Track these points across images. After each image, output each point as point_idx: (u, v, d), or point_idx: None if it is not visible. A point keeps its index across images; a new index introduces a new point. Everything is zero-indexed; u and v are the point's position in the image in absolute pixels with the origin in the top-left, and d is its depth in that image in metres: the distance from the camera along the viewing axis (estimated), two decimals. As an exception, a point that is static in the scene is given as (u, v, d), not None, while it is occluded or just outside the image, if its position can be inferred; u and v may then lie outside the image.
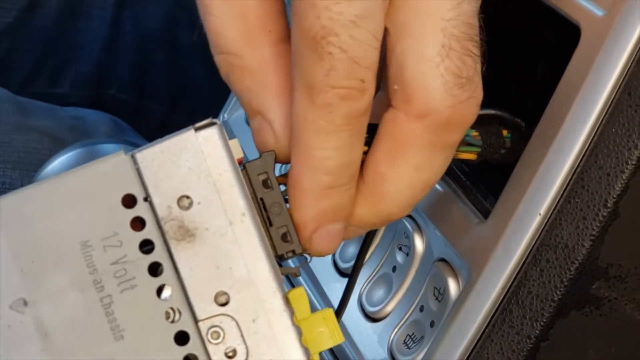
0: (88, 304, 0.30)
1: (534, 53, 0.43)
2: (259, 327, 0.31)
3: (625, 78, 0.35)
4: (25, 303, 0.30)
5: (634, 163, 0.35)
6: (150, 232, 0.31)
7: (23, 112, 0.67)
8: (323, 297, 0.47)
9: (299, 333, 0.31)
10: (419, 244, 0.42)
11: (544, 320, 0.37)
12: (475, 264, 0.38)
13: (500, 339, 0.37)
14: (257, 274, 0.31)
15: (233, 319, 0.31)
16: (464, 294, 0.38)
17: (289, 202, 0.33)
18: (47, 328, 0.30)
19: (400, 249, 0.43)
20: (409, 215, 0.42)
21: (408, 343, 0.41)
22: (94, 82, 0.80)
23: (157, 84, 0.81)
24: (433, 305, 0.40)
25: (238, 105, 0.59)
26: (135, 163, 0.31)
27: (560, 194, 0.36)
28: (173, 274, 0.31)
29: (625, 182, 0.35)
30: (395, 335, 0.42)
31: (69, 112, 0.71)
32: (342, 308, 0.38)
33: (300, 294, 0.31)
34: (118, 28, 0.79)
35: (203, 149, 0.31)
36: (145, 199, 0.31)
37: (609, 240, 0.36)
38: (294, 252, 0.33)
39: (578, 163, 0.36)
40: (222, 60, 0.33)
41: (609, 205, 0.35)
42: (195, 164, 0.31)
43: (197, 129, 0.31)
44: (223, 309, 0.31)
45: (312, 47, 0.30)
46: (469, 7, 0.31)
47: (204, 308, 0.31)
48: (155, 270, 0.31)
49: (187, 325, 0.31)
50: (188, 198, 0.31)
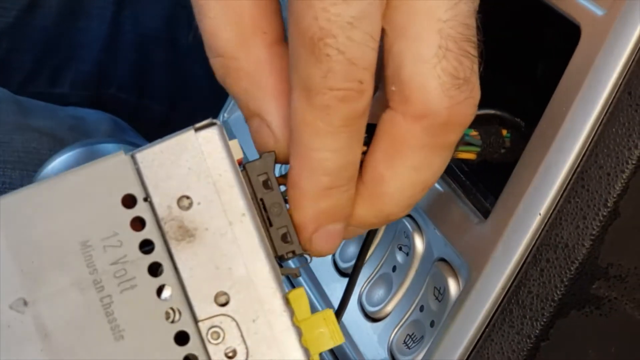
0: (88, 304, 0.30)
1: (534, 53, 0.43)
2: (259, 327, 0.31)
3: (626, 77, 0.35)
4: (25, 303, 0.30)
5: (634, 163, 0.35)
6: (150, 232, 0.31)
7: (23, 111, 0.67)
8: (323, 297, 0.47)
9: (299, 333, 0.31)
10: (419, 244, 0.42)
11: (544, 320, 0.36)
12: (476, 264, 0.38)
13: (501, 339, 0.37)
14: (256, 274, 0.31)
15: (233, 319, 0.31)
16: (464, 294, 0.38)
17: (289, 202, 0.32)
18: (47, 328, 0.30)
19: (400, 249, 0.43)
20: (409, 215, 0.42)
21: (408, 343, 0.41)
22: (94, 81, 0.80)
23: (157, 84, 0.81)
24: (433, 305, 0.40)
25: (238, 105, 0.59)
26: (135, 163, 0.31)
27: (561, 194, 0.36)
28: (173, 274, 0.31)
29: (626, 181, 0.35)
30: (395, 335, 0.42)
31: (69, 111, 0.71)
32: (342, 308, 0.38)
33: (301, 295, 0.31)
34: (118, 28, 0.79)
35: (203, 149, 0.31)
36: (145, 199, 0.31)
37: (609, 240, 0.36)
38: (294, 252, 0.33)
39: (578, 163, 0.36)
40: (217, 63, 0.33)
41: (609, 205, 0.35)
42: (195, 164, 0.31)
43: (197, 129, 0.31)
44: (223, 309, 0.31)
45: (309, 48, 0.30)
46: (466, 7, 0.31)
47: (204, 308, 0.31)
48: (155, 271, 0.31)
49: (187, 326, 0.30)
50: (188, 198, 0.31)
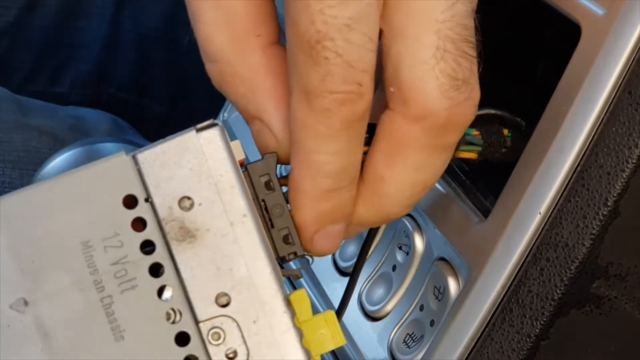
0: (88, 304, 0.30)
1: (534, 52, 0.43)
2: (260, 328, 0.31)
3: (626, 77, 0.35)
4: (26, 303, 0.30)
5: (635, 162, 0.35)
6: (151, 232, 0.31)
7: (23, 111, 0.67)
8: (323, 296, 0.47)
9: (300, 334, 0.31)
10: (419, 243, 0.42)
11: (544, 319, 0.36)
12: (475, 263, 0.38)
13: (501, 338, 0.37)
14: (257, 275, 0.31)
15: (234, 320, 0.31)
16: (464, 293, 0.38)
17: (290, 204, 0.32)
18: (47, 328, 0.30)
19: (400, 248, 0.43)
20: (409, 215, 0.42)
21: (408, 342, 0.41)
22: (94, 81, 0.80)
23: (157, 83, 0.80)
24: (433, 305, 0.40)
25: (237, 104, 0.59)
26: (137, 163, 0.31)
27: (561, 193, 0.36)
28: (174, 275, 0.31)
29: (626, 181, 0.35)
30: (395, 335, 0.42)
31: (69, 111, 0.71)
32: (343, 308, 0.38)
33: (302, 296, 0.31)
34: (118, 27, 0.79)
35: (204, 150, 0.31)
36: (147, 200, 0.31)
37: (609, 239, 0.36)
38: (296, 253, 0.33)
39: (578, 162, 0.36)
40: (213, 69, 0.33)
41: (609, 204, 0.35)
42: (197, 165, 0.31)
43: (198, 130, 0.31)
44: (224, 310, 0.31)
45: (307, 52, 0.30)
46: (463, 7, 0.31)
47: (205, 309, 0.31)
48: (156, 271, 0.31)
49: (187, 326, 0.30)
50: (189, 199, 0.31)
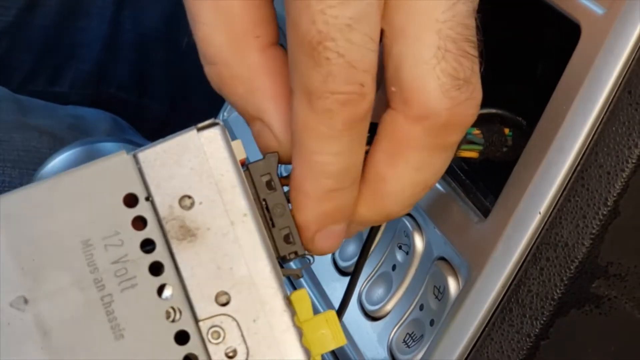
0: (88, 303, 0.30)
1: (534, 52, 0.43)
2: (260, 327, 0.31)
3: (626, 76, 0.35)
4: (26, 301, 0.30)
5: (634, 162, 0.35)
6: (152, 231, 0.31)
7: (23, 110, 0.67)
8: (323, 296, 0.47)
9: (300, 334, 0.31)
10: (419, 243, 0.42)
11: (544, 319, 0.36)
12: (475, 263, 0.38)
13: (500, 338, 0.37)
14: (258, 274, 0.31)
15: (234, 319, 0.31)
16: (464, 293, 0.38)
17: (292, 204, 0.32)
18: (47, 326, 0.30)
19: (400, 248, 0.43)
20: (409, 214, 0.42)
21: (408, 342, 0.41)
22: (94, 81, 0.80)
23: (156, 83, 0.80)
24: (433, 304, 0.40)
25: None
26: (137, 162, 0.31)
27: (560, 193, 0.36)
28: (174, 274, 0.31)
29: (626, 180, 0.35)
30: (395, 334, 0.42)
31: (69, 110, 0.71)
32: (343, 307, 0.38)
33: (303, 296, 0.31)
34: (118, 27, 0.79)
35: (205, 149, 0.31)
36: (147, 199, 0.31)
37: (609, 239, 0.36)
38: (297, 253, 0.33)
39: (578, 162, 0.36)
40: (211, 72, 0.33)
41: (609, 204, 0.35)
42: (197, 164, 0.31)
43: (199, 129, 0.31)
44: (224, 309, 0.31)
45: (308, 52, 0.30)
46: (464, 7, 0.31)
47: (205, 308, 0.31)
48: (156, 270, 0.31)
49: (187, 325, 0.30)
50: (190, 198, 0.31)
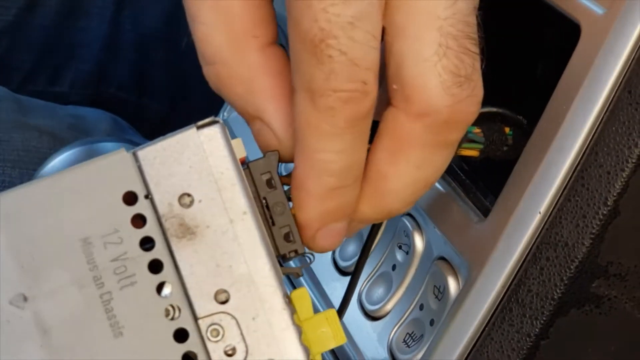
0: (88, 301, 0.30)
1: (535, 51, 0.43)
2: (259, 325, 0.31)
3: (626, 76, 0.35)
4: (25, 299, 0.30)
5: (634, 161, 0.35)
6: (151, 229, 0.31)
7: (23, 110, 0.67)
8: (323, 296, 0.47)
9: (299, 332, 0.31)
10: (419, 243, 0.42)
11: (544, 319, 0.36)
12: (475, 263, 0.38)
13: (500, 338, 0.37)
14: (257, 272, 0.31)
15: (233, 317, 0.31)
16: (464, 293, 0.38)
17: (293, 202, 0.32)
18: (46, 324, 0.30)
19: (400, 248, 0.43)
20: (409, 214, 0.42)
21: (408, 342, 0.41)
22: (94, 81, 0.80)
23: (156, 83, 0.80)
24: (433, 304, 0.40)
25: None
26: (137, 160, 0.31)
27: (560, 193, 0.36)
28: (173, 272, 0.31)
29: (626, 180, 0.35)
30: (395, 334, 0.42)
31: (69, 110, 0.71)
32: (344, 307, 0.38)
33: (303, 294, 0.31)
34: (118, 27, 0.79)
35: (205, 147, 0.31)
36: (147, 197, 0.31)
37: (609, 239, 0.36)
38: (297, 252, 0.32)
39: (578, 161, 0.36)
40: (210, 72, 0.33)
41: (609, 204, 0.35)
42: (197, 162, 0.31)
43: (199, 127, 0.31)
44: (223, 307, 0.31)
45: (310, 50, 0.30)
46: (465, 4, 0.31)
47: (204, 306, 0.30)
48: (156, 268, 0.31)
49: (186, 323, 0.30)
50: (189, 196, 0.31)
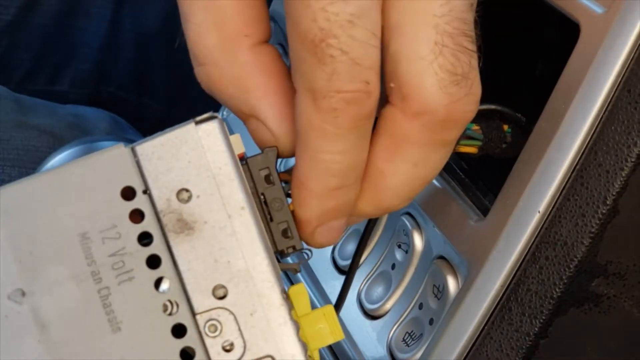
0: (86, 296, 0.30)
1: (534, 50, 0.43)
2: (257, 321, 0.31)
3: (625, 75, 0.35)
4: (23, 294, 0.30)
5: (634, 160, 0.35)
6: (149, 224, 0.31)
7: (22, 109, 0.67)
8: (322, 295, 0.47)
9: (297, 327, 0.31)
10: (418, 242, 0.42)
11: (543, 318, 0.36)
12: (475, 262, 0.38)
13: (499, 337, 0.37)
14: (255, 268, 0.31)
15: (231, 313, 0.31)
16: (463, 292, 0.38)
17: (293, 200, 0.32)
18: (44, 319, 0.30)
19: (400, 247, 0.43)
20: (408, 213, 0.42)
21: (407, 341, 0.41)
22: (94, 80, 0.80)
23: (156, 82, 0.80)
24: (432, 303, 0.40)
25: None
26: (135, 156, 0.31)
27: (560, 192, 0.36)
28: (171, 267, 0.31)
29: (625, 179, 0.35)
30: (394, 333, 0.41)
31: (69, 109, 0.71)
32: (340, 303, 0.38)
33: (301, 290, 0.31)
34: (117, 26, 0.79)
35: (203, 143, 0.31)
36: (145, 192, 0.31)
37: (608, 238, 0.36)
38: (295, 247, 0.33)
39: (577, 160, 0.36)
40: (201, 73, 0.32)
41: (608, 203, 0.35)
42: (195, 158, 0.31)
43: (197, 123, 0.31)
44: (221, 303, 0.31)
45: (311, 50, 0.29)
46: (461, 1, 0.31)
47: (202, 301, 0.30)
48: (154, 263, 0.30)
49: (184, 318, 0.30)
50: (187, 191, 0.31)
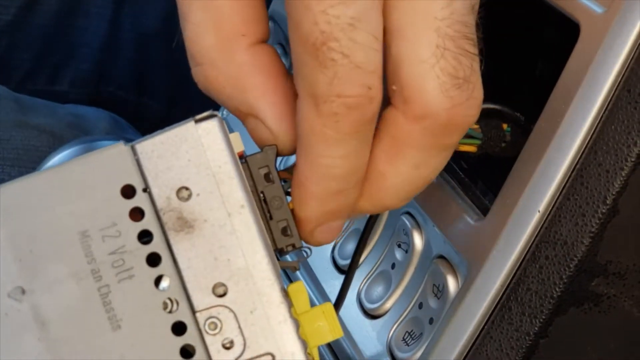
0: (85, 294, 0.30)
1: (534, 50, 0.43)
2: (257, 318, 0.31)
3: (625, 75, 0.35)
4: (23, 292, 0.30)
5: (633, 160, 0.35)
6: (149, 222, 0.31)
7: (22, 109, 0.67)
8: (322, 294, 0.46)
9: (297, 325, 0.31)
10: (418, 241, 0.42)
11: (543, 317, 0.36)
12: (474, 261, 0.38)
13: (499, 336, 0.37)
14: (255, 266, 0.31)
15: (231, 310, 0.31)
16: (463, 291, 0.38)
17: (293, 200, 0.32)
18: (44, 317, 0.30)
19: (399, 246, 0.43)
20: (408, 213, 0.42)
21: (407, 340, 0.41)
22: (94, 80, 0.80)
23: (156, 82, 0.80)
24: (432, 303, 0.40)
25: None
26: (135, 154, 0.31)
27: (560, 191, 0.36)
28: (171, 265, 0.31)
29: (625, 179, 0.35)
30: (394, 332, 0.41)
31: (69, 109, 0.71)
32: (340, 302, 0.38)
33: (300, 288, 0.31)
34: (117, 26, 0.79)
35: (203, 141, 0.31)
36: (145, 190, 0.31)
37: (608, 237, 0.36)
38: (294, 246, 0.33)
39: (577, 160, 0.36)
40: (198, 73, 0.32)
41: (608, 202, 0.35)
42: (195, 156, 0.31)
43: (197, 121, 0.31)
44: (221, 300, 0.31)
45: (312, 54, 0.29)
46: (462, 4, 0.30)
47: (202, 299, 0.30)
48: (154, 261, 0.30)
49: (184, 316, 0.30)
50: (187, 189, 0.31)
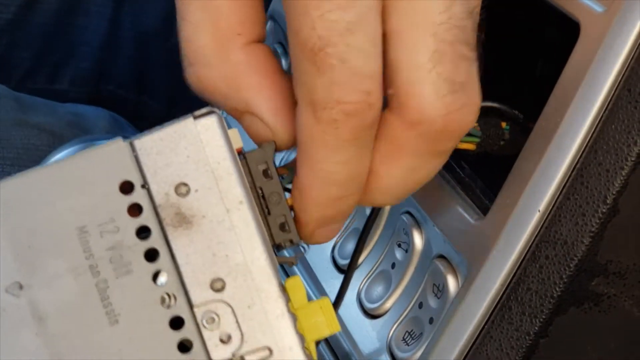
0: (83, 289, 0.30)
1: (534, 49, 0.43)
2: (254, 313, 0.31)
3: (625, 74, 0.35)
4: (21, 287, 0.30)
5: (634, 159, 0.35)
6: (147, 218, 0.31)
7: (22, 108, 0.67)
8: (322, 293, 0.46)
9: (294, 320, 0.31)
10: (418, 241, 0.42)
11: (543, 317, 0.36)
12: (474, 261, 0.38)
13: (499, 336, 0.37)
14: (253, 261, 0.31)
15: (228, 305, 0.31)
16: (463, 291, 0.38)
17: (294, 204, 0.32)
18: (42, 312, 0.30)
19: (399, 246, 0.43)
20: (408, 212, 0.42)
21: (407, 340, 0.41)
22: (93, 78, 0.80)
23: (156, 81, 0.80)
24: (432, 302, 0.40)
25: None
26: (134, 150, 0.31)
27: (560, 191, 0.36)
28: (169, 260, 0.31)
29: (625, 178, 0.35)
30: (394, 332, 0.41)
31: (68, 108, 0.71)
32: (339, 299, 0.38)
33: (297, 283, 0.31)
34: (117, 25, 0.79)
35: (202, 137, 0.31)
36: (143, 186, 0.31)
37: (608, 237, 0.36)
38: (292, 241, 0.33)
39: (577, 159, 0.36)
40: (192, 74, 0.32)
41: (609, 202, 0.35)
42: (194, 152, 0.31)
43: (196, 117, 0.31)
44: (218, 295, 0.31)
45: (311, 59, 0.29)
46: (460, 9, 0.30)
47: (200, 294, 0.30)
48: (152, 256, 0.31)
49: (182, 311, 0.30)
50: (186, 185, 0.31)
